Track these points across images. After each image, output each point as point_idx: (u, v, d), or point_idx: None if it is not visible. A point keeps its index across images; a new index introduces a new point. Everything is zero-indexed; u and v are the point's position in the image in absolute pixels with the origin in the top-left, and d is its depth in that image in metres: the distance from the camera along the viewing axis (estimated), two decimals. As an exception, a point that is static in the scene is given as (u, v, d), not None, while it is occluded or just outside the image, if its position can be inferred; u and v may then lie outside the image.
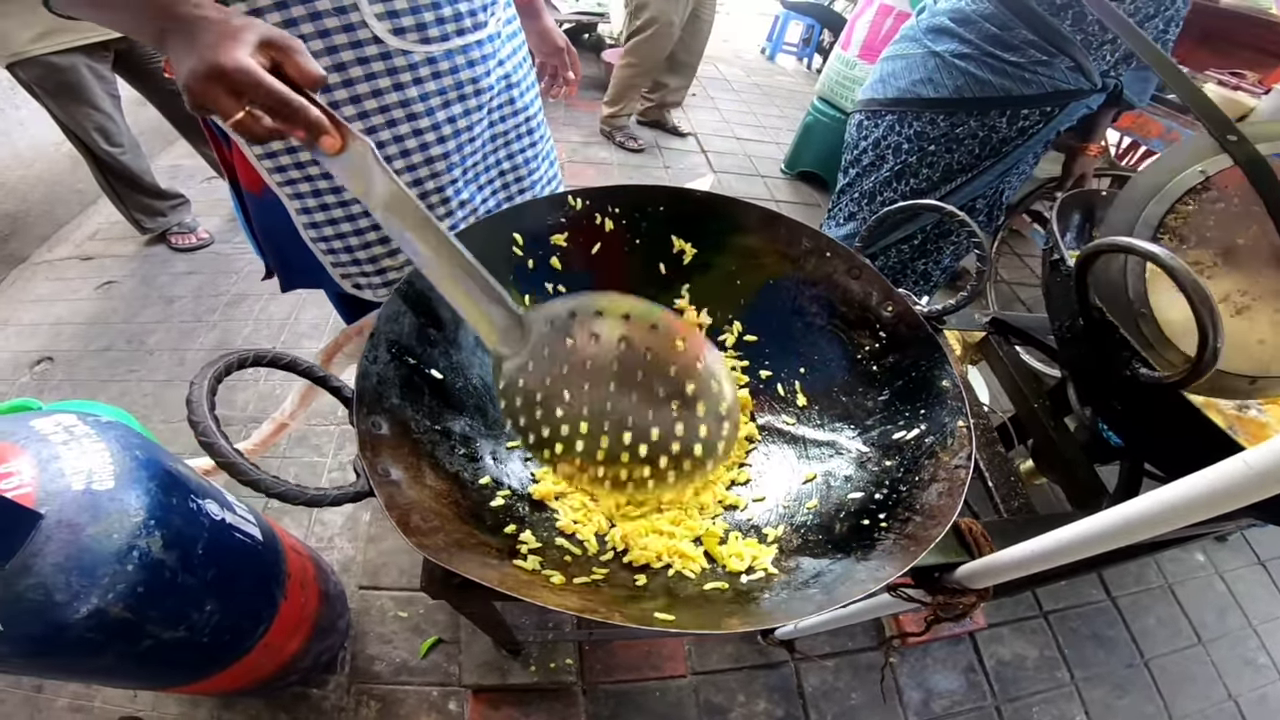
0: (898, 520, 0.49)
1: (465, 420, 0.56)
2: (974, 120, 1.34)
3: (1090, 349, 0.56)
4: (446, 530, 0.41)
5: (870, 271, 0.63)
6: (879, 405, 0.59)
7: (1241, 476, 0.31)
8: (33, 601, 0.63)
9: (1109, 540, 0.39)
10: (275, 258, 0.95)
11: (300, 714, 1.21)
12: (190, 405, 0.38)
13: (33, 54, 1.68)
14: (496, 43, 0.85)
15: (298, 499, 0.40)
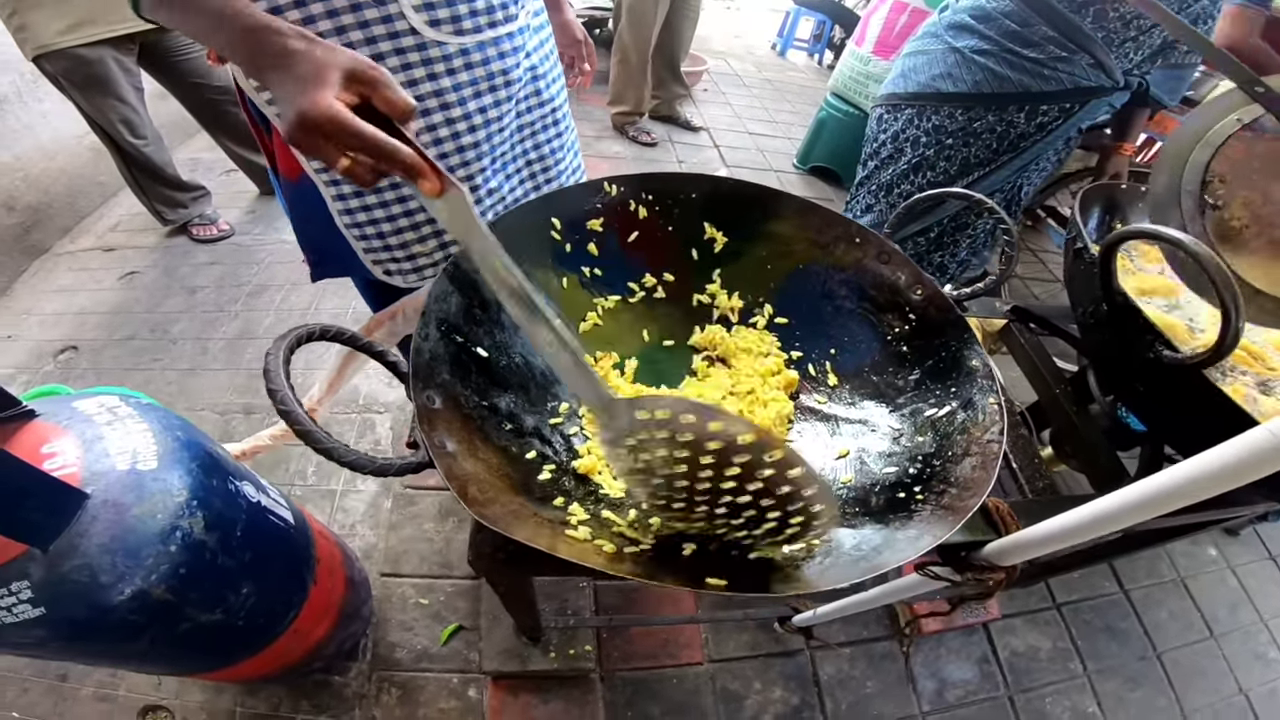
0: (933, 493, 0.50)
1: (510, 397, 0.58)
2: (992, 115, 1.35)
3: (1113, 334, 0.57)
4: (501, 501, 0.43)
5: (899, 256, 0.65)
6: (910, 384, 0.61)
7: (1267, 446, 0.32)
8: (77, 583, 0.64)
9: (1134, 514, 0.40)
10: (308, 244, 0.97)
11: (322, 701, 1.23)
12: (268, 375, 0.39)
13: (60, 46, 1.69)
14: (525, 35, 0.87)
15: (366, 468, 0.41)
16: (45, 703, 1.20)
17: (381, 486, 1.59)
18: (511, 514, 0.42)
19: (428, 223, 0.92)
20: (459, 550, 1.46)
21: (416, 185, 0.47)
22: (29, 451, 0.65)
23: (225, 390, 1.79)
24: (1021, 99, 1.30)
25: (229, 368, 1.86)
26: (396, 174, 0.48)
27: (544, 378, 0.63)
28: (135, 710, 1.19)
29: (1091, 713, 1.45)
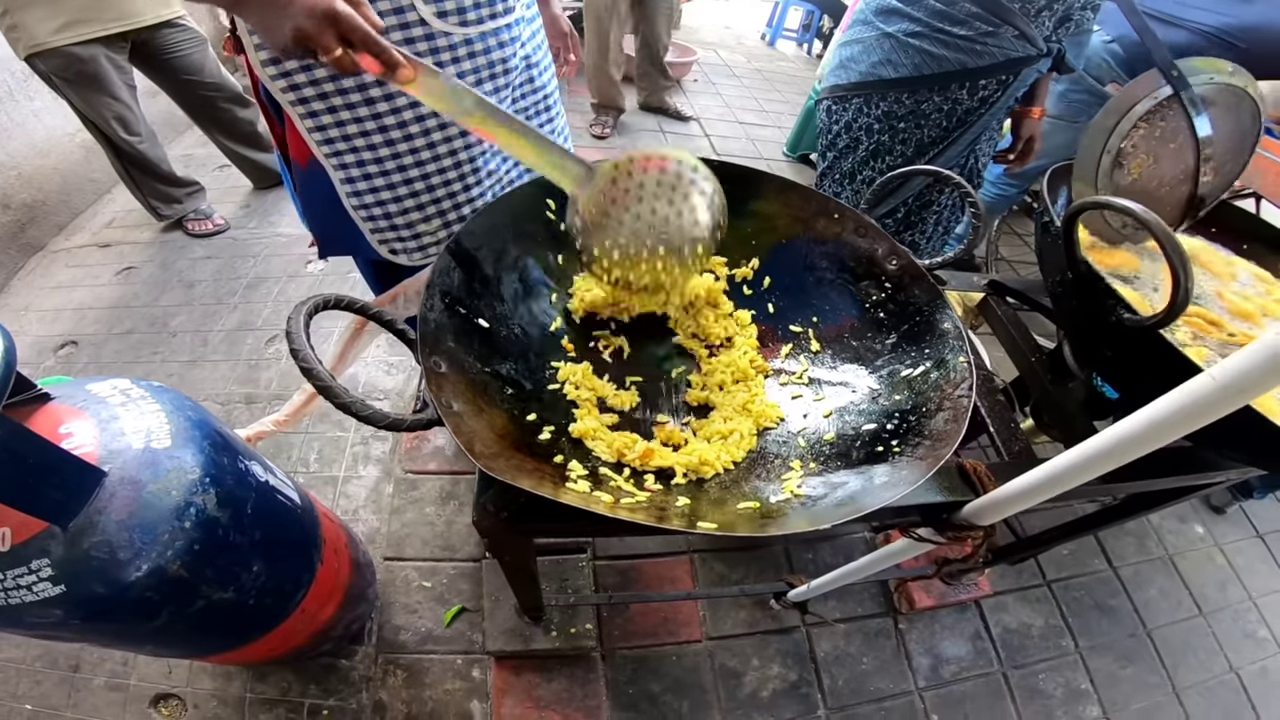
0: (909, 445, 0.54)
1: (510, 364, 0.62)
2: (937, 95, 1.39)
3: (1079, 301, 0.61)
4: (505, 456, 0.46)
5: (875, 229, 0.69)
6: (887, 347, 0.66)
7: (1209, 391, 0.34)
8: (96, 560, 0.66)
9: (1097, 464, 0.42)
10: (316, 226, 1.00)
11: (330, 684, 1.25)
12: (290, 336, 0.42)
13: (53, 45, 1.70)
14: (520, 27, 0.92)
15: (380, 422, 0.44)
16: (58, 693, 1.21)
17: (383, 472, 1.61)
18: (515, 467, 0.44)
19: (432, 202, 0.95)
20: (460, 533, 1.48)
21: (395, 75, 0.57)
22: (47, 432, 0.67)
23: (226, 381, 1.81)
24: (961, 76, 1.35)
25: (229, 359, 1.88)
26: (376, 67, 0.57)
27: (542, 347, 0.68)
28: (147, 699, 1.21)
29: (1085, 690, 1.48)
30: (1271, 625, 1.69)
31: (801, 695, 1.36)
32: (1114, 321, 0.55)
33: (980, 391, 0.69)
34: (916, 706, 1.39)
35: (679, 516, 0.46)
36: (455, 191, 0.96)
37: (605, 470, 0.55)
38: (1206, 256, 0.78)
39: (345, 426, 1.69)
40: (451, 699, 1.25)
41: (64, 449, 0.63)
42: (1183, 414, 0.36)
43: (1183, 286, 0.47)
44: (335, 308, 0.48)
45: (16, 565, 0.64)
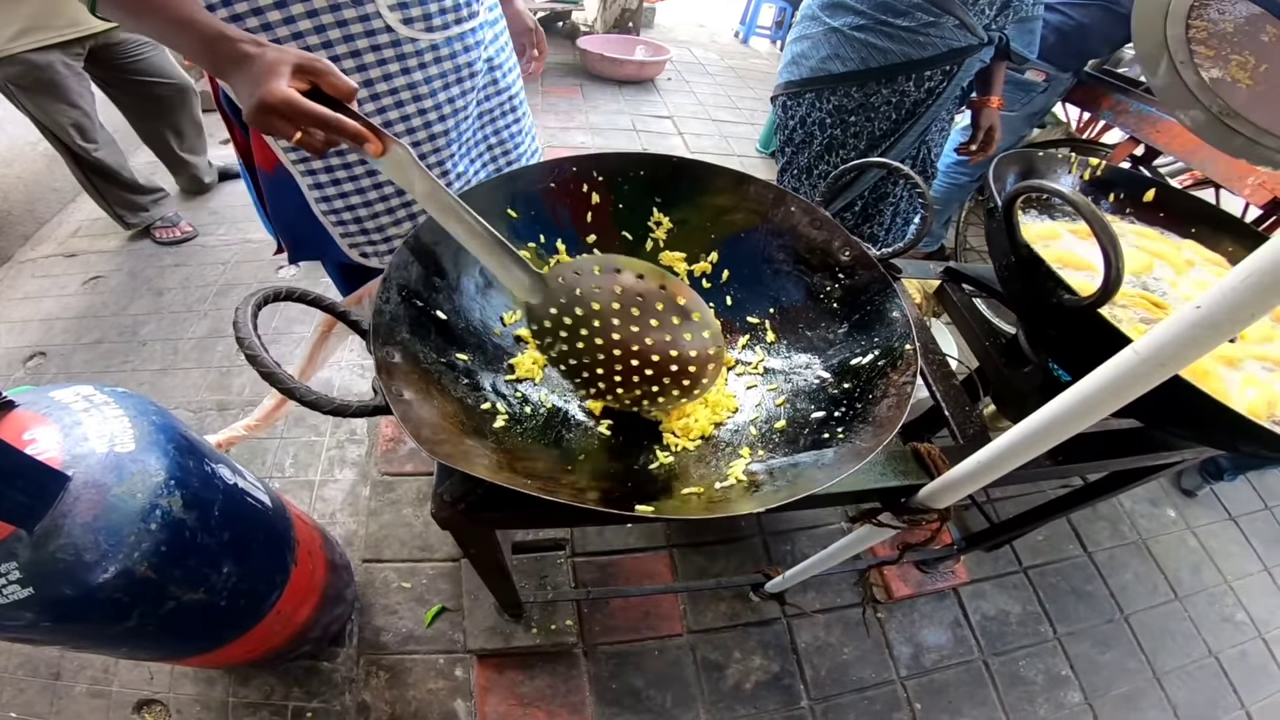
0: (853, 432, 0.56)
1: (466, 355, 0.62)
2: (885, 88, 1.42)
3: (1025, 283, 0.63)
4: (453, 443, 0.47)
5: (830, 222, 0.71)
6: (839, 337, 0.67)
7: (1132, 364, 0.35)
8: (63, 562, 0.66)
9: (1039, 440, 0.44)
10: (285, 232, 1.00)
11: (313, 687, 1.25)
12: (236, 325, 0.42)
13: (10, 52, 1.68)
14: (484, 30, 0.92)
15: (325, 407, 0.45)
16: (41, 701, 1.20)
17: (359, 475, 1.60)
18: (463, 453, 0.45)
19: (402, 206, 0.96)
20: (438, 533, 1.48)
21: (364, 149, 0.54)
22: (11, 439, 0.66)
23: (198, 388, 1.79)
24: (907, 68, 1.38)
25: (200, 366, 1.86)
26: (345, 142, 0.54)
27: (499, 339, 0.68)
28: (130, 705, 1.20)
29: (1065, 676, 1.50)
30: (1248, 608, 1.71)
31: (784, 686, 1.37)
32: (1055, 303, 0.57)
33: (935, 377, 0.71)
34: (899, 695, 1.40)
35: (622, 501, 0.47)
36: None
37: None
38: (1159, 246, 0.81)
39: (320, 431, 1.68)
40: (435, 698, 1.25)
41: (27, 454, 0.62)
42: (1111, 387, 0.38)
43: (1114, 265, 0.49)
44: (286, 299, 0.48)
45: None
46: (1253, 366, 0.69)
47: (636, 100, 3.88)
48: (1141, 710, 1.47)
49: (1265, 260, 0.28)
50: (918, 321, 0.76)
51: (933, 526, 0.61)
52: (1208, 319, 0.31)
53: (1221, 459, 1.91)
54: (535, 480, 0.45)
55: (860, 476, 0.60)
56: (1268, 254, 0.28)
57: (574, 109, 3.56)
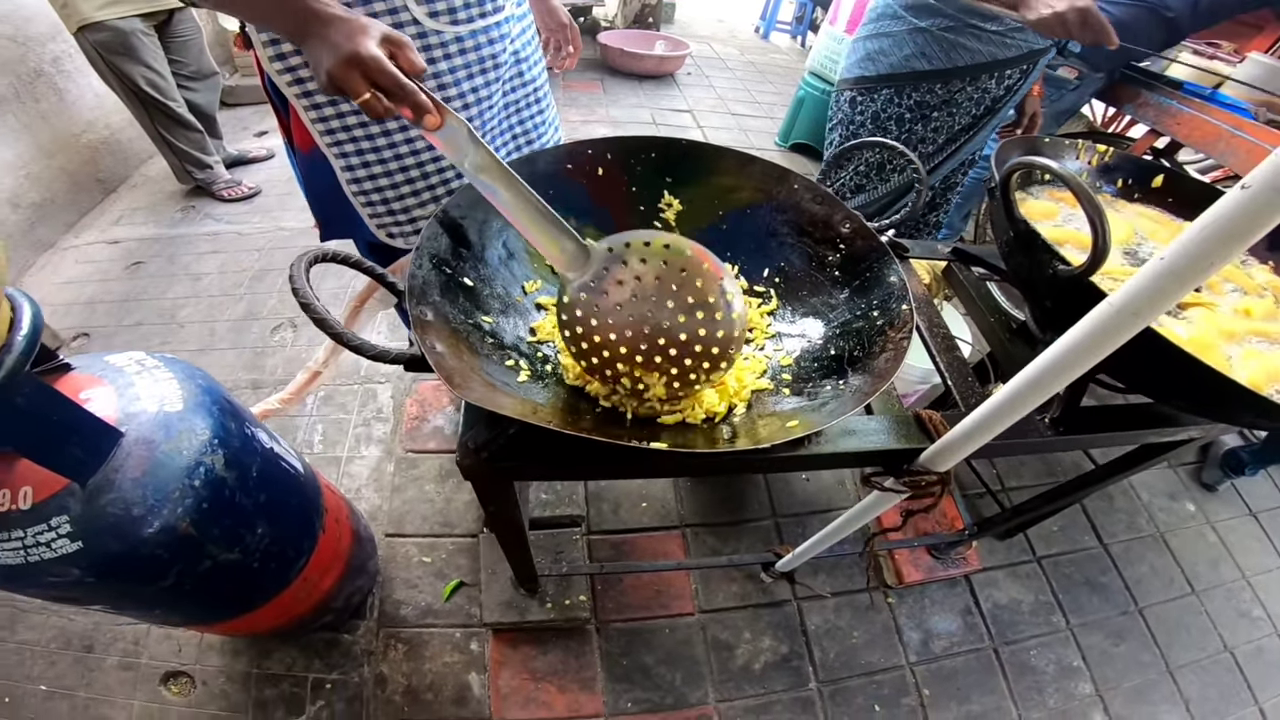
0: (851, 384, 0.59)
1: (491, 318, 0.67)
2: (969, 85, 1.47)
3: (1023, 257, 0.65)
4: (481, 390, 0.50)
5: (830, 197, 0.75)
6: (841, 302, 0.71)
7: (1107, 316, 0.38)
8: (112, 516, 0.70)
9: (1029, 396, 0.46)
10: (318, 211, 1.05)
11: (333, 659, 1.29)
12: (292, 278, 0.47)
13: (99, 19, 1.99)
14: (510, 24, 0.96)
15: (369, 352, 0.49)
16: (72, 674, 1.25)
17: (384, 452, 1.66)
18: (490, 398, 0.49)
19: (427, 189, 1.00)
20: (459, 509, 1.53)
21: (422, 121, 0.59)
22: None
23: (234, 368, 1.86)
24: (992, 67, 1.43)
25: (235, 347, 1.94)
26: (405, 111, 0.58)
27: (520, 305, 0.73)
28: (157, 677, 1.25)
29: (1077, 666, 1.50)
30: (1266, 604, 1.69)
31: (793, 668, 1.38)
32: (1051, 274, 0.59)
33: (939, 349, 0.74)
34: (908, 680, 1.41)
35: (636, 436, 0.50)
36: (449, 178, 1.01)
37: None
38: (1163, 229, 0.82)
39: (348, 409, 1.75)
40: (450, 671, 1.29)
41: (84, 408, 0.67)
42: (1090, 339, 0.40)
43: (1100, 233, 0.51)
44: (332, 260, 0.53)
45: (37, 522, 0.68)
46: (1256, 343, 0.70)
47: (656, 94, 3.91)
48: (1153, 703, 1.47)
49: (1220, 215, 0.30)
50: (923, 298, 0.79)
51: (934, 491, 0.64)
52: (1171, 269, 0.33)
53: (1242, 452, 1.88)
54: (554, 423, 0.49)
55: (865, 439, 0.63)
56: (1221, 209, 0.30)
57: (595, 103, 3.61)
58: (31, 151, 2.27)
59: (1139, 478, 1.94)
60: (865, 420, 0.65)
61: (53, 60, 2.35)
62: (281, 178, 2.73)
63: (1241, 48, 2.08)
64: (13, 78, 2.18)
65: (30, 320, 0.61)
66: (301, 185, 1.05)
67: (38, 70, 2.28)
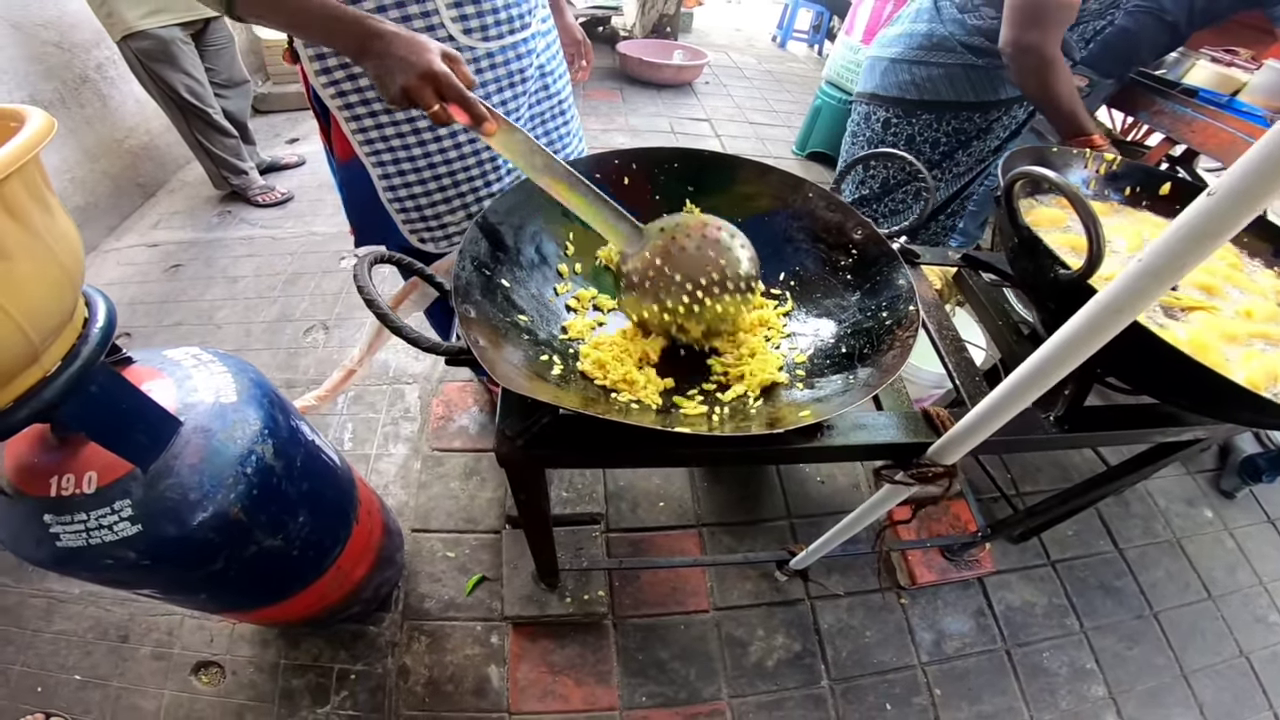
0: (859, 377, 0.64)
1: (527, 317, 0.72)
2: (1005, 115, 1.52)
3: (1028, 262, 0.68)
4: (520, 380, 0.55)
5: (844, 205, 0.80)
6: (852, 304, 0.76)
7: (1094, 313, 0.41)
8: (170, 501, 0.75)
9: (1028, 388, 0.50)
10: (355, 216, 1.12)
11: (358, 650, 1.33)
12: (357, 279, 0.52)
13: (142, 28, 2.09)
14: (536, 40, 1.02)
15: (422, 344, 0.55)
16: (106, 663, 1.30)
17: (411, 450, 1.72)
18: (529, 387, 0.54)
19: (457, 196, 1.06)
20: (482, 506, 1.58)
21: (481, 128, 0.66)
22: (131, 388, 0.77)
23: (268, 368, 1.92)
24: (1022, 97, 1.46)
25: (270, 347, 2.02)
26: (467, 119, 0.65)
27: (553, 305, 0.78)
28: (189, 667, 1.30)
29: (1090, 669, 1.50)
30: None
31: (805, 666, 1.40)
32: (1053, 278, 0.62)
33: (948, 350, 0.77)
34: (919, 680, 1.42)
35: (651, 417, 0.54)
36: (477, 186, 1.07)
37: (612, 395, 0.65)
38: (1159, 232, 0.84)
39: (377, 409, 1.81)
40: (471, 664, 1.33)
41: (150, 397, 0.73)
42: (1080, 335, 0.44)
43: (1095, 240, 0.54)
44: (389, 263, 0.58)
45: (101, 506, 0.72)
46: (1257, 344, 0.73)
47: (674, 103, 3.97)
48: (1166, 706, 1.46)
49: (1189, 219, 0.34)
50: (933, 302, 0.83)
51: (941, 483, 0.67)
52: (1148, 269, 0.37)
53: (1260, 459, 1.88)
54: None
55: (875, 433, 0.67)
56: (1190, 214, 0.34)
57: (614, 112, 3.68)
58: (77, 156, 2.36)
59: (1156, 484, 1.93)
60: (876, 416, 0.69)
61: (96, 67, 2.44)
62: (313, 184, 2.82)
63: (1259, 55, 2.09)
64: (59, 83, 2.27)
65: (105, 314, 0.67)
66: (340, 192, 1.11)
67: (83, 76, 2.37)
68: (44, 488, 0.72)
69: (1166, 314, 0.74)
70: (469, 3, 0.88)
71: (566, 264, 0.82)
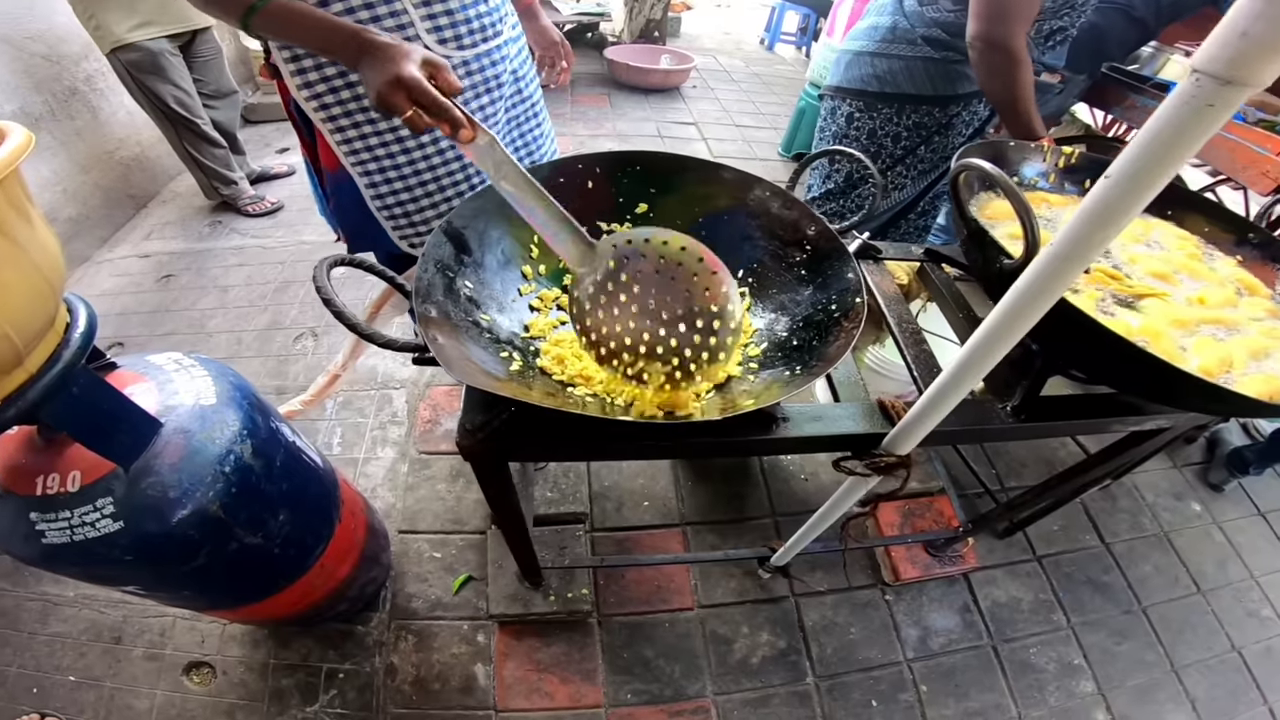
0: (809, 365, 0.66)
1: (490, 316, 0.74)
2: (965, 110, 1.54)
3: (978, 253, 0.70)
4: (478, 377, 0.57)
5: (799, 204, 0.82)
6: (805, 298, 0.78)
7: (1015, 298, 0.43)
8: (151, 498, 0.77)
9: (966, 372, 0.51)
10: (345, 225, 1.14)
11: (346, 649, 1.35)
12: (316, 280, 0.54)
13: (132, 40, 2.11)
14: (508, 46, 1.05)
15: (377, 340, 0.56)
16: (100, 664, 1.32)
17: (398, 453, 1.73)
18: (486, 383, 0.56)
19: (444, 201, 1.09)
20: (469, 507, 1.60)
21: (457, 135, 0.66)
22: (113, 391, 0.79)
23: (259, 375, 1.96)
24: (981, 93, 1.49)
25: (261, 355, 2.04)
26: (443, 126, 0.66)
27: (515, 306, 0.80)
28: (180, 667, 1.31)
29: (1078, 665, 1.50)
30: (1276, 604, 1.67)
31: (790, 663, 1.41)
32: (999, 268, 0.64)
33: (907, 343, 0.79)
34: (905, 676, 1.43)
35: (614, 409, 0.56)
36: (463, 191, 1.09)
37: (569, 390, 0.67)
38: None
39: (365, 413, 1.83)
40: (458, 662, 1.34)
41: (130, 399, 0.75)
42: (1007, 319, 0.45)
43: (1030, 229, 0.56)
44: (350, 265, 0.60)
45: (84, 504, 0.75)
46: (1211, 331, 0.74)
47: (662, 107, 4.01)
48: (1158, 702, 1.46)
49: (1092, 203, 0.36)
50: (894, 296, 0.85)
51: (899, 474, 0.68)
52: (1060, 253, 0.39)
53: (1246, 452, 1.88)
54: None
55: (831, 424, 0.69)
56: (1092, 198, 0.36)
57: (602, 117, 3.72)
58: (68, 168, 2.38)
59: (1142, 478, 1.94)
60: (831, 407, 0.70)
61: (86, 79, 2.45)
62: (302, 193, 2.84)
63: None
64: (49, 95, 2.29)
65: (86, 320, 0.70)
66: (324, 203, 1.14)
67: (72, 89, 2.39)
68: (30, 487, 0.75)
69: (1120, 302, 0.75)
70: (442, 14, 0.91)
71: (531, 266, 0.84)
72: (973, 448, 1.85)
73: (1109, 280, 0.76)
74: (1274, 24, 0.28)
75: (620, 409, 0.64)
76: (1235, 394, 0.61)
